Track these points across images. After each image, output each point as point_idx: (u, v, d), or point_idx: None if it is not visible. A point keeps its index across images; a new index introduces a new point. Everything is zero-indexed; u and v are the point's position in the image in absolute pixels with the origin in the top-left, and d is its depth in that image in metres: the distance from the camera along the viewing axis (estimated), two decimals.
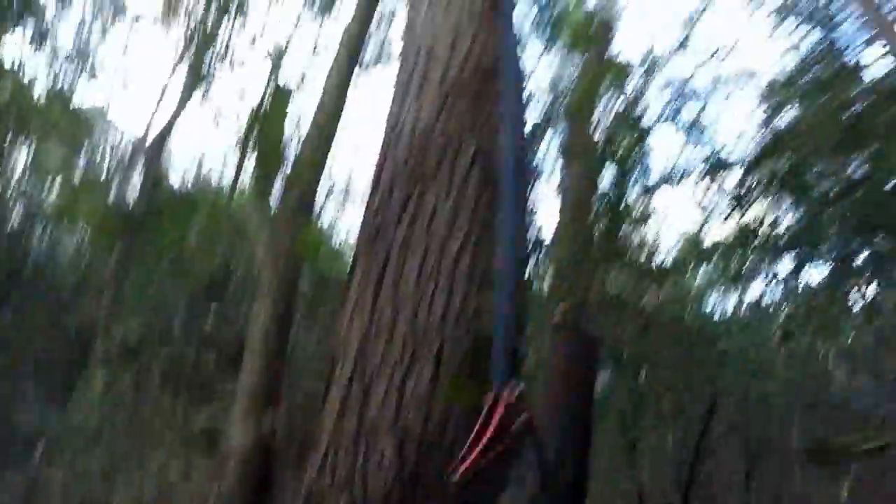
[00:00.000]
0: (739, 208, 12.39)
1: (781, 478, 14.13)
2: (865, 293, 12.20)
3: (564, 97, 8.82)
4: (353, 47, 9.15)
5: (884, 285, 11.88)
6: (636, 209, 8.33)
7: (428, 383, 2.54)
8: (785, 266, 11.83)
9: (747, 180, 13.09)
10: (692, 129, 14.15)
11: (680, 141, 13.87)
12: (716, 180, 12.66)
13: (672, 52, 10.45)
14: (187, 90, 13.85)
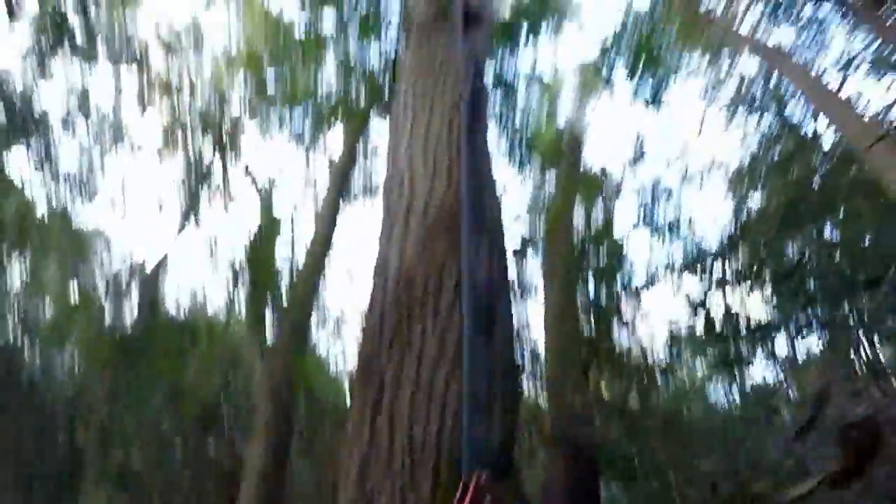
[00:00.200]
0: (722, 295, 12.67)
1: None
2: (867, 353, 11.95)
3: (542, 214, 9.32)
4: (341, 180, 9.73)
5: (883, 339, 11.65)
6: (619, 313, 8.55)
7: (428, 495, 2.67)
8: (780, 346, 11.64)
9: (726, 267, 13.49)
10: (667, 228, 14.78)
11: (657, 240, 14.35)
12: (695, 272, 13.02)
13: (639, 157, 11.06)
14: (184, 218, 14.39)
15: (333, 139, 11.20)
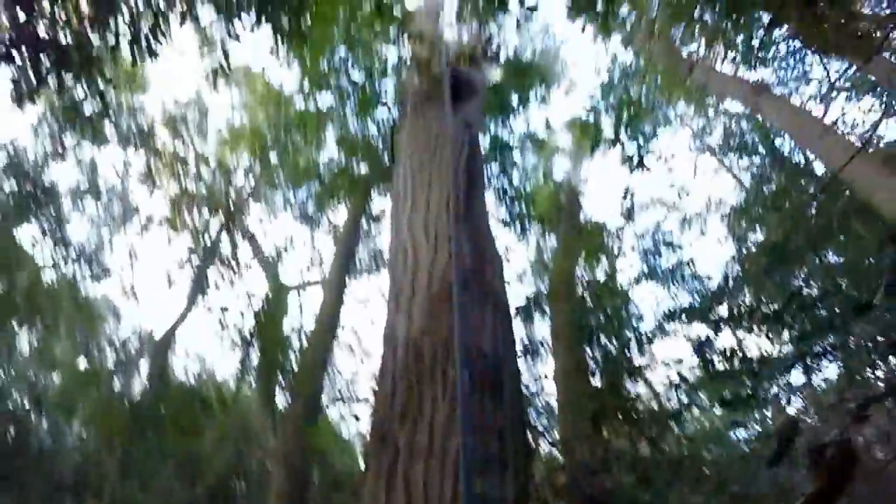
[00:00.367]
0: (732, 332, 12.63)
1: None
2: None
3: (545, 273, 9.50)
4: (347, 248, 9.99)
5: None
6: (629, 363, 8.61)
7: None
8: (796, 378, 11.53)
9: (732, 305, 13.52)
10: (671, 274, 14.90)
11: (662, 287, 14.47)
12: (701, 317, 13.04)
13: (632, 210, 11.28)
14: (193, 290, 14.62)
15: (337, 209, 11.58)
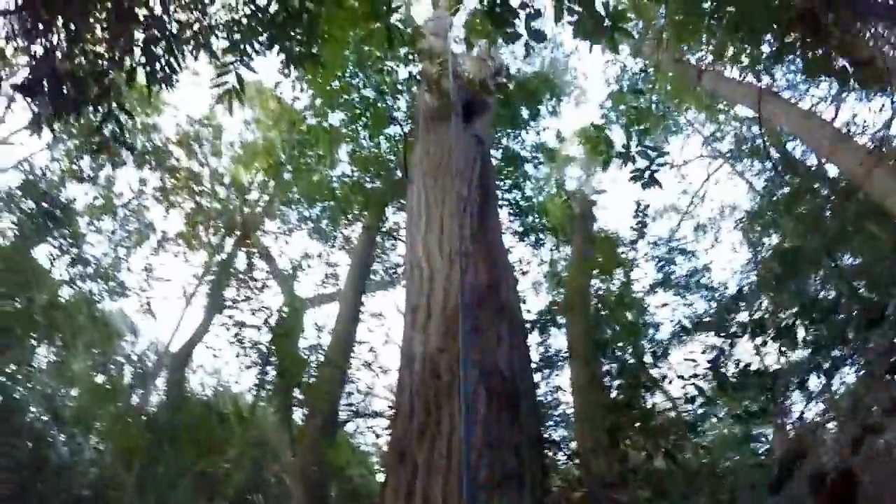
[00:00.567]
0: (751, 339, 12.51)
1: None
2: None
3: (559, 283, 9.50)
4: (363, 260, 10.07)
5: None
6: (647, 373, 8.56)
7: None
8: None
9: (750, 314, 13.41)
10: (686, 281, 14.84)
11: (677, 295, 14.41)
12: (718, 329, 12.96)
13: (646, 218, 11.22)
14: (210, 305, 14.75)
15: (352, 225, 11.65)
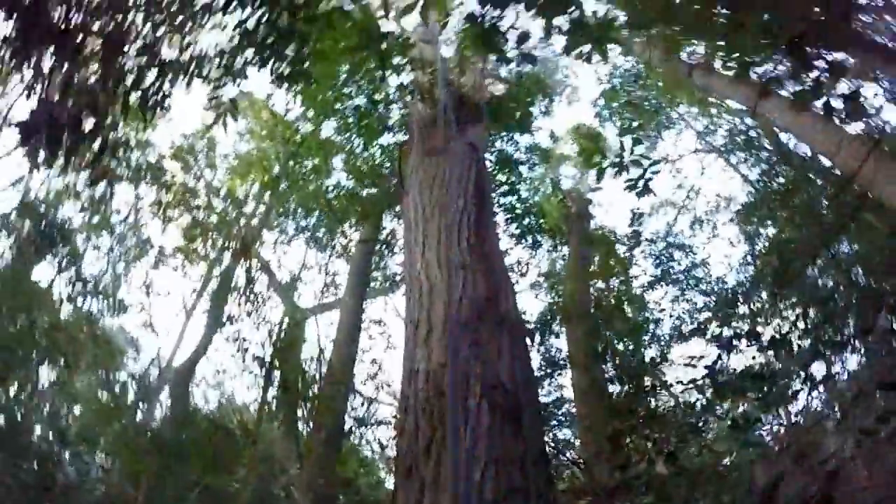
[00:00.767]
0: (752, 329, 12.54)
1: None
2: None
3: (557, 286, 9.53)
4: (362, 267, 10.09)
5: None
6: (651, 375, 8.55)
7: None
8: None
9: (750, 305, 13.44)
10: (686, 276, 14.88)
11: (677, 290, 14.43)
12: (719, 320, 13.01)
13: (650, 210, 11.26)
14: (211, 319, 14.76)
15: (349, 234, 11.67)
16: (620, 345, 8.16)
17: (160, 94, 3.66)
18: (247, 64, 4.00)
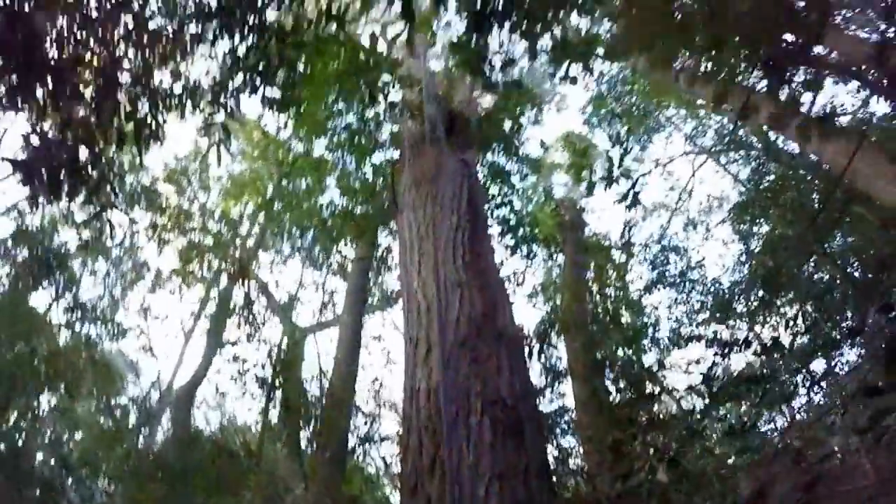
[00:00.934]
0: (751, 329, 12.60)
1: None
2: None
3: (554, 296, 9.57)
4: (360, 284, 10.15)
5: None
6: (652, 381, 8.58)
7: None
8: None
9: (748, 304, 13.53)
10: (682, 278, 14.97)
11: (674, 292, 14.52)
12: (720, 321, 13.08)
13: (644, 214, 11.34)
14: (210, 341, 14.76)
15: (345, 252, 11.75)
16: (620, 351, 8.20)
17: (154, 125, 3.72)
18: (238, 91, 4.07)
